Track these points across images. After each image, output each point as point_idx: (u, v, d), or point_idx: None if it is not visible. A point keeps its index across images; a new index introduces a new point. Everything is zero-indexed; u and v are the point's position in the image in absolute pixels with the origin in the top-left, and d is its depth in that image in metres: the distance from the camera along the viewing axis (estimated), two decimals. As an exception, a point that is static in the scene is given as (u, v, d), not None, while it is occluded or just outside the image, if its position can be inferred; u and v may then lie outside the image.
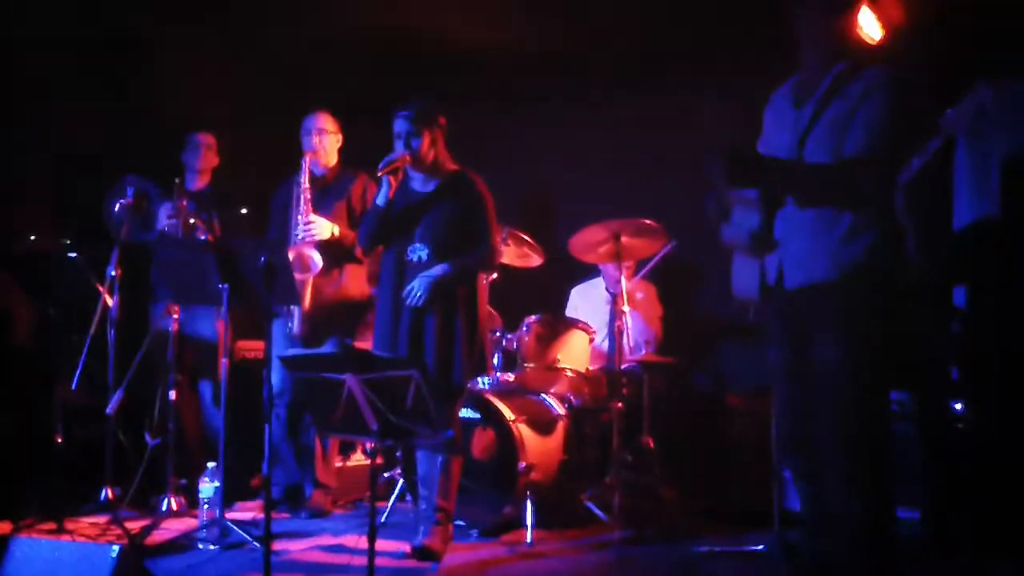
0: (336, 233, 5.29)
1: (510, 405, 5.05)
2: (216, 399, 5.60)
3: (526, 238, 5.74)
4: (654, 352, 5.96)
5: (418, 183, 4.63)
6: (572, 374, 5.41)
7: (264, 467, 4.03)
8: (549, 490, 5.08)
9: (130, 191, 5.30)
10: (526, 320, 5.43)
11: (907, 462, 4.61)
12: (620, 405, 5.20)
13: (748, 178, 3.63)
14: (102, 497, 5.20)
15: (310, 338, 5.29)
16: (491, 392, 5.16)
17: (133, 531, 4.67)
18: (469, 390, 4.83)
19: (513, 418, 4.98)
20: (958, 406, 4.74)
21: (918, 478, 4.62)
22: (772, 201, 3.68)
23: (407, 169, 4.57)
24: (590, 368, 5.55)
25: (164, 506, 5.21)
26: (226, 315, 4.70)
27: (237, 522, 4.66)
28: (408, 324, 4.45)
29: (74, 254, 5.46)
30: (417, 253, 4.51)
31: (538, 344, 5.36)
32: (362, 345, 5.21)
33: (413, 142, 4.48)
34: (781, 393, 3.81)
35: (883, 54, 4.57)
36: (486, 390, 5.21)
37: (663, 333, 6.33)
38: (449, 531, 4.49)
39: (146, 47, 6.37)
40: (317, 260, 5.16)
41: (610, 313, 5.67)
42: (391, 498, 5.32)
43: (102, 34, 6.28)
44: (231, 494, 5.04)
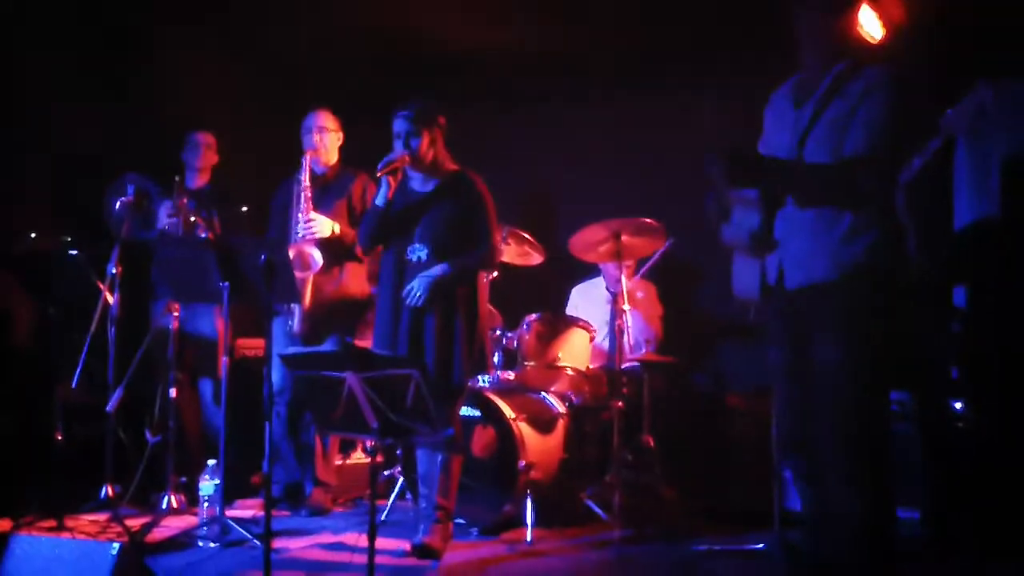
0: (336, 231, 5.29)
1: (510, 403, 5.05)
2: (216, 397, 5.60)
3: (527, 237, 5.74)
4: (654, 351, 5.96)
5: (417, 183, 4.62)
6: (572, 372, 5.42)
7: (264, 465, 4.02)
8: (549, 488, 5.08)
9: (131, 189, 5.30)
10: (526, 318, 5.44)
11: (907, 462, 4.61)
12: (620, 404, 5.20)
13: (748, 178, 3.63)
14: (102, 495, 5.19)
15: (310, 336, 5.30)
16: (491, 390, 5.16)
17: (133, 529, 4.68)
18: (469, 388, 4.83)
19: (513, 416, 4.98)
20: (958, 406, 4.74)
21: (918, 478, 4.62)
22: (772, 201, 3.68)
23: (406, 169, 4.56)
24: (590, 367, 5.56)
25: (164, 504, 5.21)
26: (226, 313, 4.71)
27: (237, 520, 4.66)
28: (408, 324, 4.44)
29: (74, 252, 5.46)
30: (417, 253, 4.50)
31: (538, 342, 5.37)
32: (362, 343, 5.20)
33: (412, 142, 4.47)
34: (781, 393, 3.80)
35: (883, 53, 4.57)
36: (486, 388, 5.21)
37: (663, 332, 6.33)
38: (449, 529, 4.49)
39: (146, 47, 6.37)
40: (317, 258, 5.17)
41: (610, 312, 5.66)
42: (391, 496, 5.32)
43: (102, 34, 6.27)
44: (231, 492, 5.04)
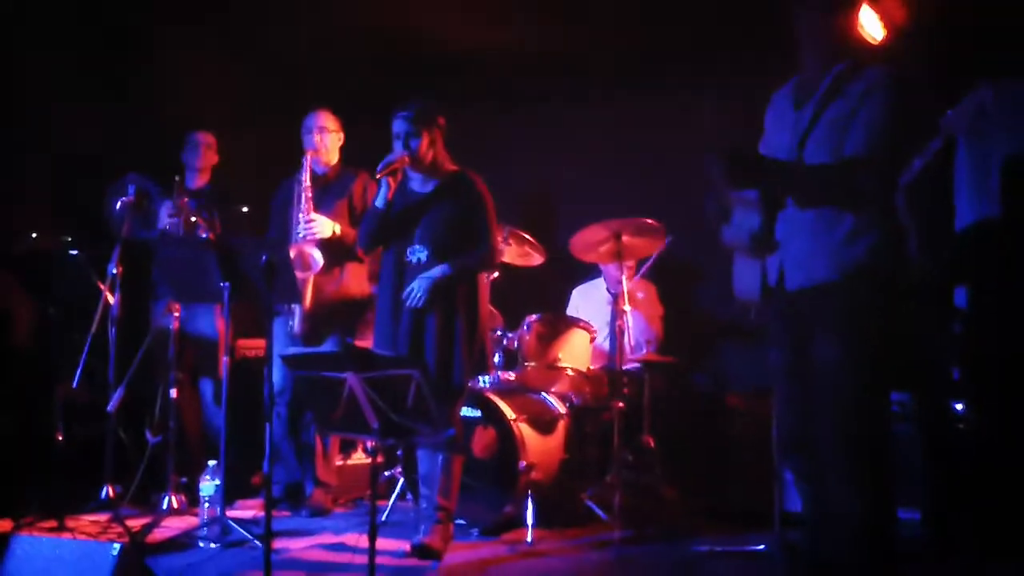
0: (337, 232, 5.28)
1: (511, 404, 5.05)
2: (217, 397, 5.60)
3: (527, 237, 5.73)
4: (655, 352, 5.96)
5: (417, 184, 4.62)
6: (573, 373, 5.41)
7: (265, 465, 4.03)
8: (550, 489, 5.07)
9: (131, 189, 5.30)
10: (527, 319, 5.42)
11: (908, 463, 4.61)
12: (621, 404, 5.19)
13: (748, 178, 3.63)
14: (103, 495, 5.19)
15: (311, 336, 5.30)
16: (492, 391, 5.16)
17: (134, 529, 4.68)
18: (470, 389, 4.82)
19: (514, 417, 4.97)
20: (959, 407, 4.74)
21: (919, 479, 4.62)
22: (772, 202, 3.68)
23: (406, 170, 4.56)
24: (591, 367, 5.54)
25: (165, 504, 5.22)
26: (227, 313, 4.71)
27: (238, 520, 4.66)
28: (408, 324, 4.44)
29: (75, 252, 5.46)
30: (416, 254, 4.50)
31: (539, 343, 5.36)
32: (363, 343, 5.20)
33: (412, 143, 4.47)
34: (782, 393, 3.80)
35: (884, 54, 4.57)
36: (487, 389, 5.20)
37: (664, 333, 6.33)
38: (450, 530, 4.49)
39: (146, 47, 6.37)
40: (318, 258, 5.17)
41: (611, 313, 5.66)
42: (392, 497, 5.32)
43: (102, 34, 6.27)
44: (232, 492, 5.02)
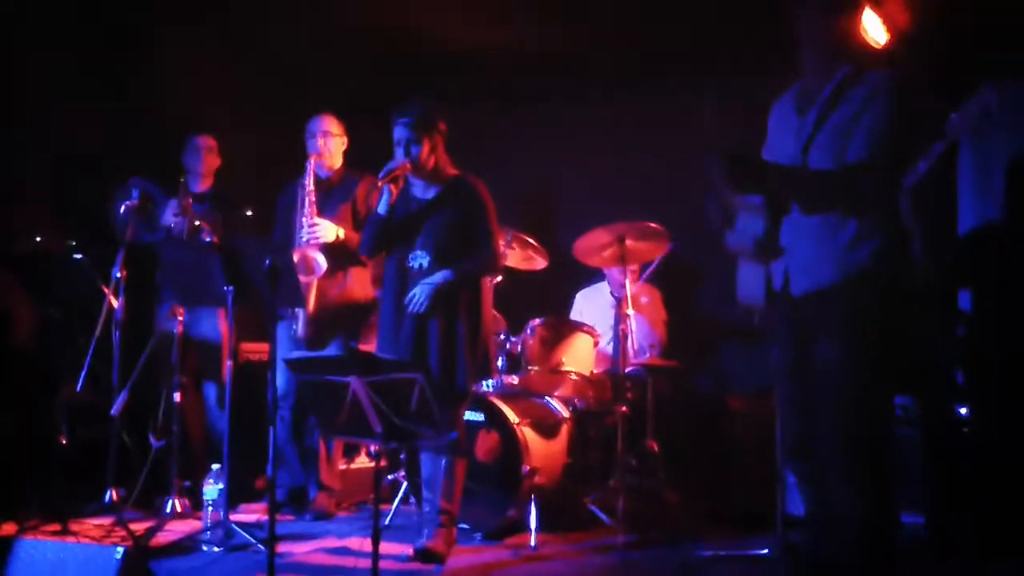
0: (341, 236, 5.28)
1: (514, 408, 5.05)
2: (220, 401, 5.59)
3: (530, 241, 5.73)
4: (659, 356, 5.96)
5: (419, 190, 4.61)
6: (576, 377, 5.38)
7: (269, 469, 4.03)
8: (553, 493, 5.07)
9: (135, 193, 5.29)
10: (530, 323, 5.41)
11: (913, 466, 4.61)
12: (624, 408, 5.18)
13: (749, 180, 3.63)
14: (106, 499, 5.17)
15: (314, 340, 5.29)
16: (495, 395, 5.15)
17: (137, 533, 4.68)
18: (473, 393, 4.80)
19: (517, 421, 4.97)
20: (963, 410, 4.74)
21: (923, 482, 4.63)
22: (777, 208, 3.68)
23: (408, 176, 4.55)
24: (594, 371, 5.53)
25: (168, 508, 5.21)
26: (231, 317, 4.71)
27: (241, 524, 4.66)
28: (411, 330, 4.44)
29: (79, 256, 5.45)
30: (418, 260, 4.49)
31: (542, 347, 5.35)
32: (366, 347, 5.20)
33: (413, 149, 4.45)
34: (784, 396, 3.80)
35: (886, 57, 4.56)
36: (490, 393, 5.20)
37: (667, 337, 6.33)
38: (453, 534, 4.49)
39: (146, 47, 6.36)
40: (321, 262, 5.16)
41: (614, 317, 5.65)
42: (395, 501, 5.32)
43: (102, 34, 6.26)
44: (235, 496, 5.05)
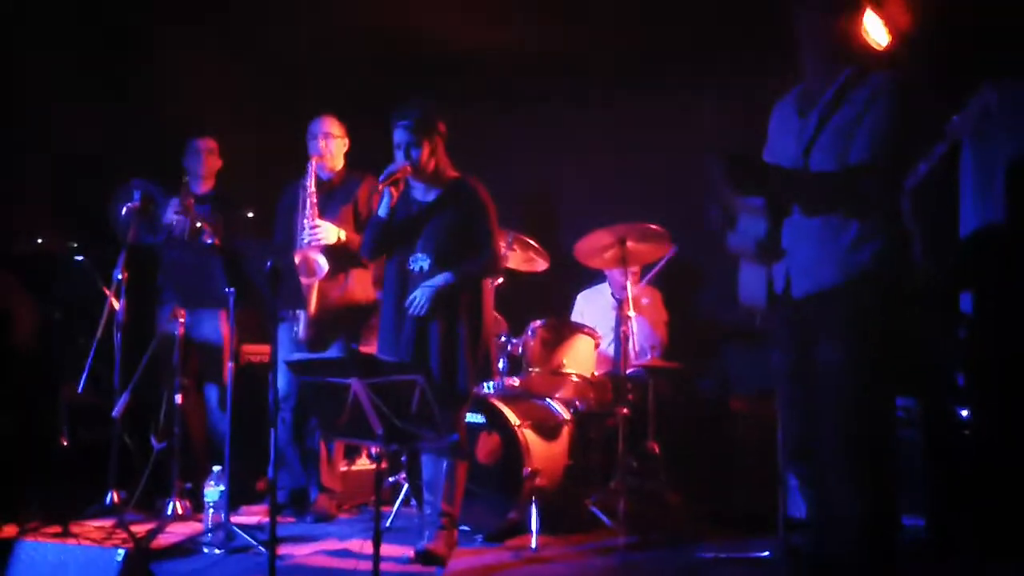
0: (342, 238, 5.27)
1: (515, 410, 5.04)
2: (222, 403, 5.58)
3: (531, 243, 5.72)
4: (660, 357, 5.96)
5: (419, 192, 4.61)
6: (577, 379, 5.37)
7: (270, 471, 4.03)
8: (554, 495, 5.07)
9: (137, 195, 5.28)
10: (531, 324, 5.40)
11: (914, 468, 4.61)
12: (625, 410, 5.18)
13: (749, 180, 3.63)
14: (107, 500, 5.17)
15: (316, 342, 5.29)
16: (496, 396, 5.15)
17: (139, 535, 4.68)
18: (474, 395, 4.80)
19: (518, 423, 4.97)
20: (964, 412, 4.74)
21: (926, 484, 4.62)
22: (778, 210, 3.68)
23: (408, 178, 4.55)
24: (595, 373, 5.52)
25: (169, 510, 5.20)
26: (232, 319, 4.71)
27: (242, 526, 4.65)
28: (412, 332, 4.44)
29: (80, 257, 5.45)
30: (419, 263, 4.49)
31: (543, 349, 5.34)
32: (368, 349, 5.19)
33: (413, 152, 4.45)
34: (786, 398, 3.81)
35: (887, 58, 4.56)
36: (491, 394, 5.20)
37: (668, 339, 6.32)
38: (454, 536, 4.48)
39: (146, 47, 6.35)
40: (323, 264, 5.16)
41: (616, 318, 5.65)
42: (396, 502, 5.31)
43: (102, 34, 6.25)
44: (236, 498, 5.06)
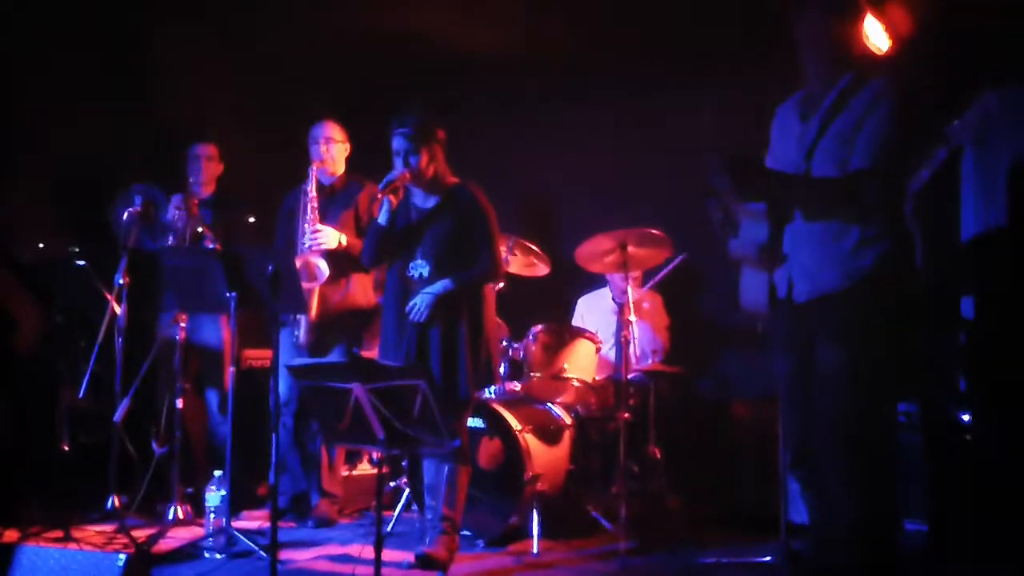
0: (343, 242, 5.26)
1: (516, 415, 5.04)
2: (223, 407, 5.59)
3: (532, 248, 5.71)
4: (661, 362, 5.95)
5: (419, 199, 4.61)
6: (579, 384, 5.37)
7: (271, 476, 4.03)
8: (555, 500, 5.07)
9: (138, 200, 5.29)
10: (532, 329, 5.40)
11: (915, 472, 4.61)
12: (626, 415, 5.17)
13: (749, 181, 3.64)
14: (108, 505, 5.17)
15: (317, 347, 5.29)
16: (497, 401, 5.15)
17: (140, 539, 4.67)
18: (475, 399, 4.81)
19: (519, 428, 4.97)
20: (965, 417, 4.74)
21: (927, 489, 4.63)
22: (779, 215, 3.69)
23: (408, 185, 4.55)
24: (597, 378, 5.52)
25: (171, 514, 5.21)
26: (233, 324, 4.71)
27: (243, 531, 4.66)
28: (412, 339, 4.44)
29: (82, 262, 5.45)
30: (418, 270, 4.50)
31: (544, 353, 5.33)
32: (369, 354, 5.20)
33: (412, 160, 4.45)
34: (788, 402, 3.82)
35: (888, 63, 4.56)
36: (492, 399, 5.20)
37: (670, 343, 6.31)
38: (455, 541, 4.47)
39: (146, 47, 6.34)
40: (324, 269, 5.15)
41: (617, 323, 5.64)
42: (397, 507, 5.31)
43: (102, 34, 6.24)
44: (237, 503, 5.06)
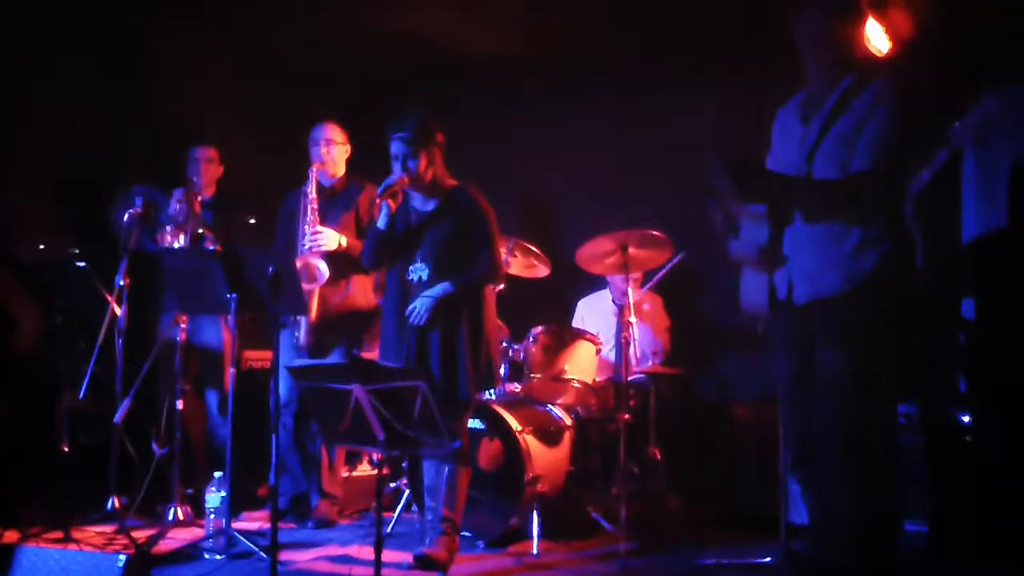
0: (343, 244, 5.26)
1: (516, 416, 5.04)
2: (223, 409, 5.59)
3: (533, 249, 5.71)
4: (662, 363, 5.95)
5: (418, 202, 4.61)
6: (579, 385, 5.37)
7: (271, 477, 4.04)
8: (555, 501, 5.07)
9: (138, 201, 5.29)
10: (532, 330, 5.40)
11: (915, 474, 4.61)
12: (626, 416, 5.17)
13: (749, 181, 3.64)
14: (108, 506, 5.17)
15: (317, 348, 5.29)
16: (498, 403, 5.14)
17: (140, 540, 4.67)
18: (475, 401, 4.81)
19: (519, 429, 4.97)
20: (965, 418, 4.74)
21: (927, 490, 4.63)
22: (780, 217, 3.69)
23: (407, 188, 4.55)
24: (597, 379, 5.52)
25: (171, 515, 5.21)
26: (234, 325, 4.71)
27: (243, 532, 4.66)
28: (412, 342, 4.45)
29: (82, 263, 5.45)
30: (418, 273, 4.50)
31: (545, 355, 5.33)
32: (369, 355, 5.20)
33: (410, 164, 4.45)
34: (788, 404, 3.82)
35: (889, 65, 4.56)
36: (493, 401, 5.19)
37: (670, 344, 6.30)
38: (455, 542, 4.47)
39: (146, 47, 6.35)
40: (324, 270, 5.15)
41: (617, 324, 5.64)
42: (397, 508, 5.32)
43: (102, 34, 6.24)
44: (237, 504, 5.06)
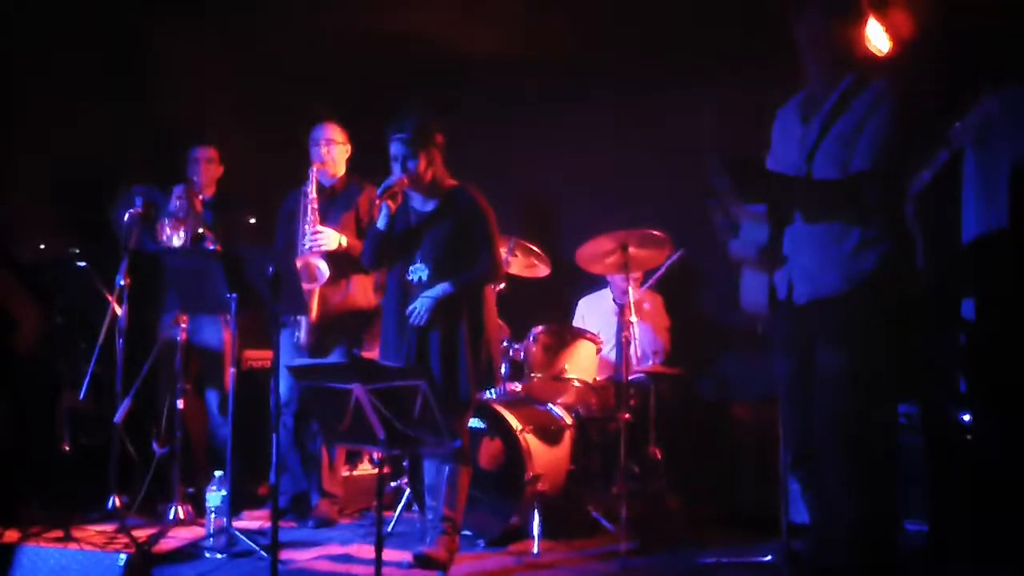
0: (344, 244, 5.27)
1: (517, 415, 5.04)
2: (223, 408, 5.59)
3: (533, 249, 5.71)
4: (662, 363, 5.95)
5: (418, 203, 4.61)
6: (579, 384, 5.38)
7: (271, 476, 4.04)
8: (556, 500, 5.08)
9: (139, 201, 5.29)
10: (533, 330, 5.40)
11: (916, 473, 4.62)
12: (627, 415, 5.16)
13: (749, 181, 3.65)
14: (109, 505, 5.18)
15: (317, 348, 5.29)
16: (498, 402, 5.15)
17: (140, 539, 4.67)
18: (476, 400, 4.81)
19: (520, 428, 4.97)
20: (966, 417, 4.74)
21: (928, 490, 4.63)
22: (780, 217, 3.69)
23: (406, 189, 4.55)
24: (597, 378, 5.52)
25: (171, 514, 5.21)
26: (234, 324, 4.72)
27: (244, 531, 4.66)
28: (413, 342, 4.45)
29: (83, 263, 5.45)
30: (418, 273, 4.50)
31: (545, 354, 5.34)
32: (369, 354, 5.20)
33: (410, 164, 4.44)
34: (788, 403, 3.82)
35: (889, 65, 4.56)
36: (493, 400, 5.20)
37: (671, 344, 6.30)
38: (455, 541, 4.47)
39: (146, 47, 6.35)
40: (324, 270, 5.15)
41: (617, 323, 5.64)
42: (398, 507, 5.32)
43: (102, 34, 6.24)
44: (238, 503, 5.07)
